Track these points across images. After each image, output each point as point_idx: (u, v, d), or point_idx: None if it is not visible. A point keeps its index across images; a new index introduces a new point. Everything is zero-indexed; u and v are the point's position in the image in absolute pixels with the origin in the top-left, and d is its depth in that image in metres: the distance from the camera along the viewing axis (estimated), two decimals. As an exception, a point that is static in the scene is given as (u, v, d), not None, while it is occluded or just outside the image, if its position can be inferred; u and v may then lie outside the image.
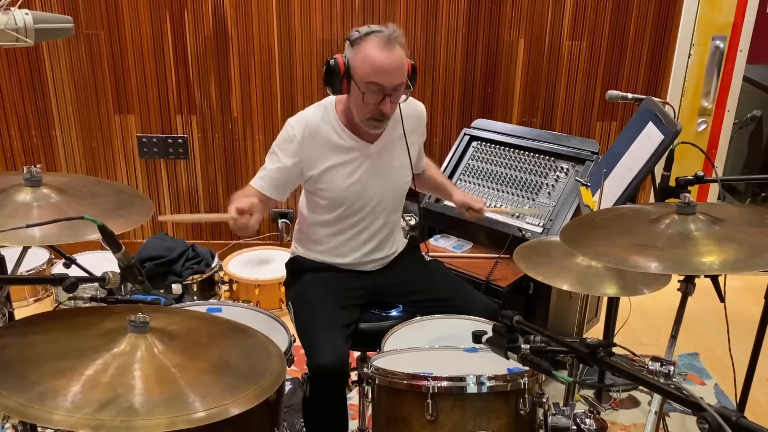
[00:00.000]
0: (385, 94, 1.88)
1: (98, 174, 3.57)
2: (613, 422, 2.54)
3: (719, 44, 3.38)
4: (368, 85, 1.87)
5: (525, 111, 3.53)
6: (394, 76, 1.87)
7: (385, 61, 1.85)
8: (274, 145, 2.05)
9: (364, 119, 1.95)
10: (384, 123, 1.97)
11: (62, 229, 1.41)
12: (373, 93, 1.88)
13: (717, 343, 2.69)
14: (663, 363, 1.39)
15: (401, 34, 1.89)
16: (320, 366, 1.82)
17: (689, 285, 1.57)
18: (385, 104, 1.90)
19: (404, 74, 1.90)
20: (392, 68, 1.86)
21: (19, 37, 1.49)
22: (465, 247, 2.80)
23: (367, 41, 1.86)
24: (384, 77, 1.86)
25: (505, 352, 1.27)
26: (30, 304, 3.23)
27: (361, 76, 1.87)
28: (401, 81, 1.89)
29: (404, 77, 1.90)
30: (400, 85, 1.90)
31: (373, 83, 1.87)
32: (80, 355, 1.22)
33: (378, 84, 1.87)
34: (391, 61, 1.85)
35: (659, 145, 1.98)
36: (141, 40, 3.35)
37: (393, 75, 1.87)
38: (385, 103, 1.90)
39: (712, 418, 0.88)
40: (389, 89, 1.88)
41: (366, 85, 1.88)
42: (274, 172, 2.02)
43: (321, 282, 2.09)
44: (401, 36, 1.89)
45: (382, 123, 1.97)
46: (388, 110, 1.91)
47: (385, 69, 1.85)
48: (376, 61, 1.85)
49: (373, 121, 1.95)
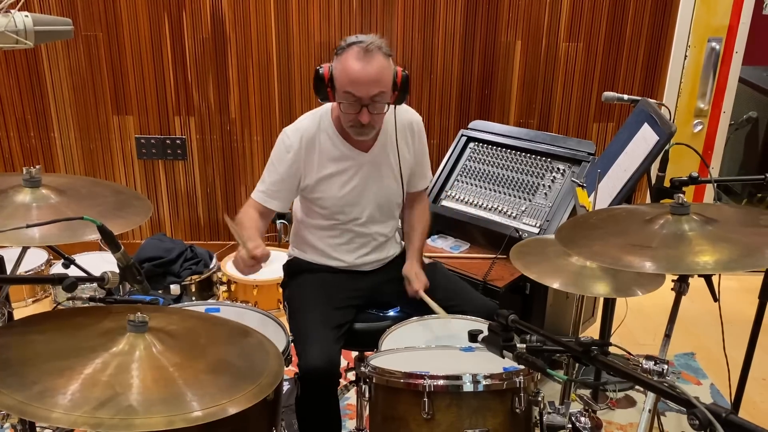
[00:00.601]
0: (362, 104, 1.88)
1: (97, 175, 3.58)
2: (610, 421, 2.56)
3: (715, 46, 3.40)
4: (345, 95, 1.89)
5: (522, 112, 3.55)
6: (370, 87, 1.86)
7: (360, 72, 1.85)
8: (272, 157, 2.06)
9: (347, 126, 1.97)
10: (367, 130, 1.96)
11: (61, 230, 1.42)
12: (349, 103, 1.90)
13: (713, 343, 2.70)
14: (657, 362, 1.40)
15: (384, 44, 1.89)
16: (309, 367, 1.83)
17: (683, 285, 1.58)
18: (363, 114, 1.89)
19: (382, 85, 1.89)
20: (366, 79, 1.85)
21: (19, 39, 1.50)
22: (462, 247, 2.81)
23: (348, 51, 1.87)
24: (358, 88, 1.86)
25: (500, 351, 1.28)
26: (29, 305, 3.23)
27: (339, 86, 1.89)
28: (378, 91, 1.88)
29: (383, 87, 1.89)
30: (378, 95, 1.89)
31: (349, 93, 1.88)
32: (79, 354, 1.23)
33: (353, 95, 1.88)
34: (365, 73, 1.85)
35: (654, 146, 1.99)
36: (139, 42, 3.36)
37: (368, 86, 1.86)
38: (363, 114, 1.89)
39: (703, 415, 0.89)
40: (365, 100, 1.88)
41: (343, 95, 1.89)
42: (275, 185, 2.04)
43: (317, 283, 2.11)
44: (384, 46, 1.89)
45: (366, 131, 1.96)
46: (365, 120, 1.90)
47: (359, 80, 1.85)
48: (350, 72, 1.86)
49: (355, 128, 1.95)
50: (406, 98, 2.01)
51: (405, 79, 1.95)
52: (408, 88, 1.97)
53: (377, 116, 1.94)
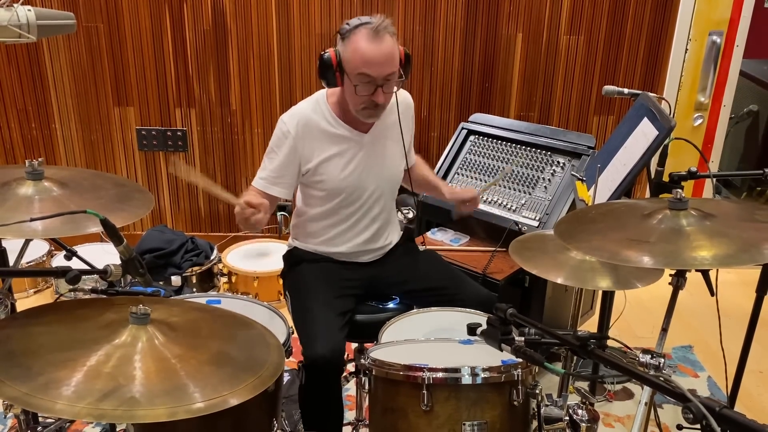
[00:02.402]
0: (377, 85, 1.90)
1: (98, 166, 3.58)
2: (607, 414, 2.57)
3: (716, 39, 3.40)
4: (359, 77, 1.90)
5: (522, 105, 3.55)
6: (384, 67, 1.89)
7: (375, 53, 1.87)
8: (271, 144, 2.07)
9: (358, 109, 1.98)
10: (379, 111, 1.99)
11: (64, 222, 1.43)
12: (364, 84, 1.91)
13: (711, 336, 2.71)
14: (653, 355, 1.42)
15: (390, 24, 1.91)
16: (316, 356, 1.84)
17: (680, 279, 1.60)
18: (378, 95, 1.92)
19: (395, 64, 1.92)
20: (382, 59, 1.88)
21: (22, 33, 1.50)
22: (462, 240, 2.82)
23: (357, 33, 1.88)
24: (374, 68, 1.88)
25: (499, 344, 1.29)
26: (30, 296, 3.25)
27: (352, 69, 1.90)
28: (392, 71, 1.91)
29: (395, 67, 1.92)
30: (392, 74, 1.92)
31: (364, 75, 1.89)
32: (82, 346, 1.24)
33: (369, 75, 1.89)
34: (380, 53, 1.87)
35: (654, 140, 2.00)
36: (140, 33, 3.36)
37: (383, 66, 1.89)
38: (378, 94, 1.92)
39: (697, 409, 0.90)
40: (380, 80, 1.90)
41: (357, 77, 1.90)
42: (276, 171, 2.05)
43: (317, 271, 2.12)
44: (390, 26, 1.91)
45: (377, 111, 1.99)
46: (381, 100, 1.93)
47: (374, 60, 1.87)
48: (365, 53, 1.87)
49: (368, 110, 1.97)
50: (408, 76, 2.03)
51: (408, 57, 1.98)
52: (410, 66, 2.00)
53: (389, 95, 1.97)
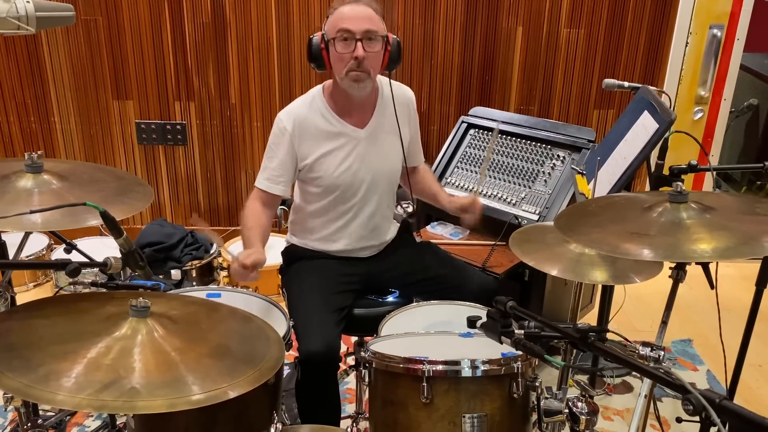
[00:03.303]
0: (356, 39, 1.92)
1: (97, 160, 3.58)
2: (607, 407, 2.58)
3: (716, 33, 3.39)
4: (338, 33, 1.93)
5: (522, 99, 3.54)
6: (362, 22, 1.92)
7: (352, 10, 1.93)
8: (269, 143, 2.08)
9: (343, 76, 1.97)
10: (364, 75, 1.96)
11: (64, 215, 1.43)
12: (344, 42, 1.93)
13: (710, 330, 2.72)
14: (653, 348, 1.42)
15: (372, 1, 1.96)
16: (310, 351, 1.85)
17: (680, 272, 1.60)
18: (358, 49, 1.92)
19: (374, 24, 1.94)
20: (359, 15, 1.93)
21: (21, 25, 1.50)
22: (461, 234, 2.82)
23: (337, 5, 1.96)
24: (351, 23, 1.92)
25: (498, 337, 1.29)
26: (30, 289, 3.25)
27: (332, 30, 1.94)
28: (371, 27, 1.93)
29: (375, 27, 1.94)
30: (372, 32, 1.93)
31: (343, 30, 1.92)
32: (82, 338, 1.24)
33: (347, 30, 1.92)
34: (357, 10, 1.93)
35: (654, 133, 2.00)
36: (139, 26, 3.35)
37: (360, 21, 1.92)
38: (358, 48, 1.92)
39: (696, 400, 0.90)
40: (359, 34, 1.92)
41: (336, 34, 1.93)
42: (277, 170, 2.06)
43: (315, 268, 2.12)
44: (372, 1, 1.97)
45: (362, 75, 1.95)
46: (361, 53, 1.92)
47: (351, 15, 1.92)
48: (343, 11, 1.94)
49: (353, 73, 1.95)
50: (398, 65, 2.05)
51: (396, 42, 1.99)
52: (400, 54, 2.02)
53: (372, 56, 1.95)
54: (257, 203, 2.08)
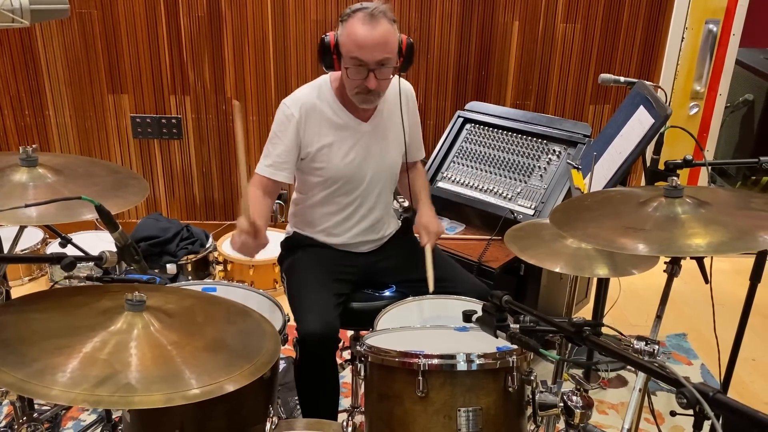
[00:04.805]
0: (369, 69, 1.89)
1: (92, 154, 3.57)
2: (601, 401, 2.59)
3: (712, 28, 3.39)
4: (351, 60, 1.89)
5: (519, 94, 3.54)
6: (376, 52, 1.87)
7: (366, 37, 1.86)
8: (274, 129, 2.04)
9: (353, 94, 1.97)
10: (373, 97, 1.97)
11: (59, 209, 1.43)
12: (356, 68, 1.90)
13: (705, 324, 2.73)
14: (647, 342, 1.42)
15: (388, 9, 1.89)
16: (308, 332, 1.85)
17: (675, 267, 1.60)
18: (370, 80, 1.90)
19: (389, 50, 1.90)
20: (373, 44, 1.86)
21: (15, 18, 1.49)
22: (458, 228, 2.82)
23: (353, 17, 1.88)
24: (365, 53, 1.87)
25: (494, 331, 1.30)
26: (25, 284, 3.24)
27: (346, 52, 1.90)
28: (384, 57, 1.89)
29: (389, 53, 1.90)
30: (385, 60, 1.90)
31: (356, 58, 1.88)
32: (77, 333, 1.24)
33: (360, 60, 1.88)
34: (372, 37, 1.86)
35: (649, 128, 2.00)
36: (134, 19, 3.33)
37: (374, 50, 1.87)
38: (370, 79, 1.90)
39: (690, 394, 0.91)
40: (372, 64, 1.89)
41: (349, 60, 1.90)
42: (282, 156, 2.02)
43: (315, 255, 2.13)
44: (388, 11, 1.89)
45: (371, 98, 1.97)
46: (372, 86, 1.91)
47: (365, 44, 1.86)
48: (357, 37, 1.86)
49: (361, 95, 1.95)
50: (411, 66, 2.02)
51: (410, 46, 1.96)
52: (413, 56, 1.98)
53: (383, 82, 1.94)
54: (258, 191, 2.03)
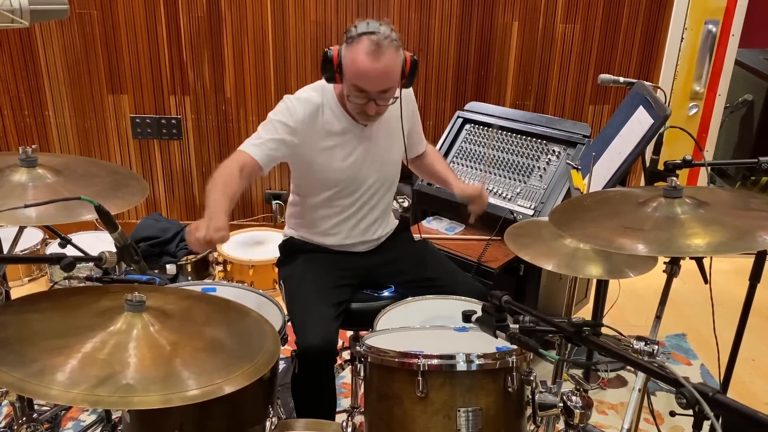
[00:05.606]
0: (370, 98, 1.90)
1: (92, 154, 3.57)
2: (601, 401, 2.59)
3: (712, 28, 3.40)
4: (353, 87, 1.90)
5: (518, 94, 3.54)
6: (379, 83, 1.88)
7: (370, 69, 1.85)
8: (273, 117, 2.00)
9: (354, 112, 2.00)
10: (373, 118, 1.99)
11: (58, 210, 1.43)
12: (358, 94, 1.90)
13: (704, 324, 2.74)
14: (647, 342, 1.43)
15: (395, 35, 1.87)
16: (308, 345, 1.85)
17: (674, 267, 1.60)
18: (370, 107, 1.92)
19: (391, 80, 1.90)
20: (376, 75, 1.86)
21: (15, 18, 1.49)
22: (457, 229, 2.82)
23: (359, 43, 1.85)
24: (367, 83, 1.87)
25: (493, 331, 1.30)
26: (24, 284, 3.24)
27: (347, 78, 1.90)
28: (387, 87, 1.90)
29: (391, 83, 1.90)
30: (387, 90, 1.91)
31: (357, 86, 1.89)
32: (77, 333, 1.24)
33: (362, 89, 1.89)
34: (376, 69, 1.85)
35: (649, 129, 2.00)
36: (134, 20, 3.33)
37: (377, 82, 1.87)
38: (370, 106, 1.92)
39: (690, 394, 0.91)
40: (374, 94, 1.90)
41: (351, 87, 1.90)
42: (271, 143, 1.97)
43: (313, 261, 2.12)
44: (395, 38, 1.87)
45: (371, 118, 1.98)
46: (372, 113, 1.93)
47: (369, 76, 1.86)
48: (360, 67, 1.85)
49: (362, 115, 1.98)
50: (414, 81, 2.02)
51: (414, 64, 1.95)
52: (416, 72, 1.98)
53: (383, 107, 1.96)
54: (236, 167, 1.88)
